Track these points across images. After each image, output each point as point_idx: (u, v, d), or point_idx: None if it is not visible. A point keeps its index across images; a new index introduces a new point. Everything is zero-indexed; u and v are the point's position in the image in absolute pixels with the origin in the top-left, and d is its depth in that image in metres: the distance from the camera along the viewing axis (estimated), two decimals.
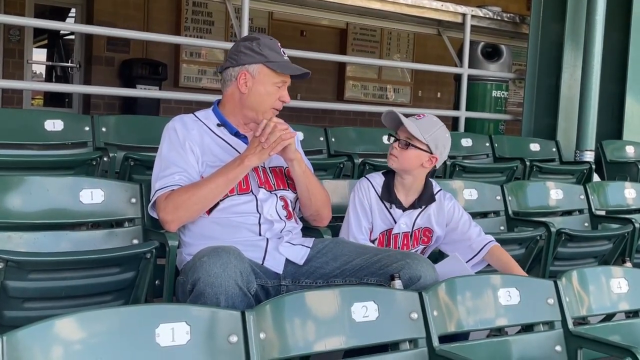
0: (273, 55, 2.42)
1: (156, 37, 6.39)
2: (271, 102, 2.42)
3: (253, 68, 2.40)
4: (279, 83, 2.42)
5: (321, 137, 4.32)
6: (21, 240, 2.28)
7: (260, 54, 2.41)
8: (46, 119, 3.46)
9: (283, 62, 2.43)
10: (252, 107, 2.42)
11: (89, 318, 1.52)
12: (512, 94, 8.53)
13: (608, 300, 2.35)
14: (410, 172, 2.55)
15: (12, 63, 8.15)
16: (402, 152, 2.51)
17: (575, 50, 5.56)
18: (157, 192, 2.29)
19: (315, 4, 5.55)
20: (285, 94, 2.45)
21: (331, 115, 9.24)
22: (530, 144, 5.34)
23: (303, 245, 2.35)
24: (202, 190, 2.25)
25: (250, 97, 2.41)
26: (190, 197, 2.24)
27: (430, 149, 2.51)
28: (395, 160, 2.53)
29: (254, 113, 2.42)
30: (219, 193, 2.28)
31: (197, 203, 2.25)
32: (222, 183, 2.26)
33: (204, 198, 2.26)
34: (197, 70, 8.93)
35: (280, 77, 2.42)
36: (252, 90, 2.40)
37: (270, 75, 2.40)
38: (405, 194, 2.59)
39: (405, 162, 2.52)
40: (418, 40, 10.36)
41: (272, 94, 2.42)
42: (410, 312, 1.91)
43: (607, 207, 4.00)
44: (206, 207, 2.29)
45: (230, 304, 1.92)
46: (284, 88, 2.45)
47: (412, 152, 2.51)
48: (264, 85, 2.40)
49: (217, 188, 2.26)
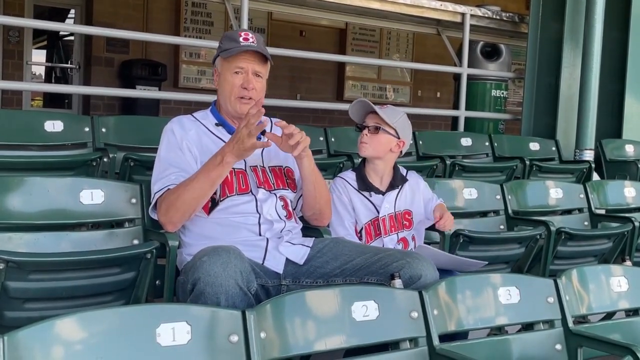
0: (229, 44, 2.40)
1: (155, 38, 6.39)
2: (232, 91, 2.38)
3: (217, 62, 2.46)
4: (234, 69, 2.38)
5: (321, 137, 4.32)
6: (22, 241, 2.28)
7: (220, 46, 2.43)
8: (46, 120, 3.46)
9: (235, 47, 2.38)
10: (221, 101, 2.44)
11: (90, 318, 1.52)
12: (511, 93, 8.53)
13: (608, 298, 2.35)
14: (381, 157, 2.71)
15: (12, 64, 8.15)
16: (373, 138, 2.68)
17: (575, 49, 5.56)
18: (155, 194, 2.29)
19: (315, 4, 5.54)
20: (247, 80, 2.37)
21: (331, 115, 9.24)
22: (530, 143, 5.34)
23: (303, 245, 2.35)
24: (186, 191, 2.22)
25: (219, 91, 2.45)
26: (177, 198, 2.22)
27: (398, 134, 2.68)
28: (367, 147, 2.70)
29: (225, 106, 2.43)
30: (204, 193, 2.24)
31: (184, 204, 2.22)
32: (206, 183, 2.21)
33: (190, 198, 2.22)
34: (196, 70, 8.93)
35: (232, 63, 2.38)
36: (219, 84, 2.45)
37: (225, 64, 2.41)
38: (379, 179, 2.74)
39: (377, 146, 2.69)
40: (417, 40, 10.36)
41: (231, 82, 2.38)
42: (411, 311, 1.92)
43: (607, 206, 4.00)
44: (195, 207, 2.26)
45: (230, 303, 1.92)
46: (245, 74, 2.38)
47: (382, 137, 2.68)
48: (224, 76, 2.41)
49: (202, 188, 2.22)
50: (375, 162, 2.73)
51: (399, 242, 2.68)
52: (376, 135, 2.67)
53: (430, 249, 2.50)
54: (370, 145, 2.69)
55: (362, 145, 2.70)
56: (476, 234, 2.98)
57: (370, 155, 2.72)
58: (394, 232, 2.68)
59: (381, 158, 2.71)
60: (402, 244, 2.68)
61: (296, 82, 9.28)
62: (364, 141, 2.69)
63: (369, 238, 2.65)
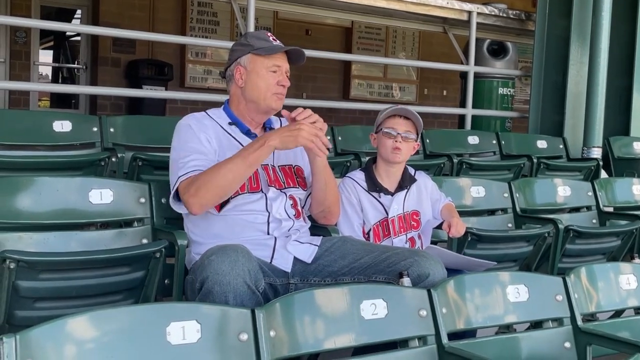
0: (260, 42, 2.41)
1: (162, 38, 6.41)
2: (269, 87, 2.39)
3: (244, 60, 2.41)
4: (271, 67, 2.40)
5: (328, 136, 4.31)
6: (31, 241, 2.30)
7: (248, 44, 2.42)
8: (54, 120, 3.48)
9: (270, 45, 2.41)
10: (253, 99, 2.41)
11: (101, 317, 1.53)
12: (518, 91, 8.51)
13: (617, 296, 2.35)
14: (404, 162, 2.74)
15: (19, 65, 8.17)
16: (404, 144, 2.68)
17: (582, 47, 5.55)
18: (179, 178, 2.23)
19: (320, 3, 5.55)
20: (282, 77, 2.41)
21: (337, 114, 9.24)
22: (537, 141, 5.33)
23: (311, 244, 2.35)
24: (222, 172, 2.18)
25: (248, 89, 2.41)
26: (211, 178, 2.18)
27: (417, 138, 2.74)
28: (401, 153, 2.69)
29: (256, 104, 2.41)
30: (239, 176, 2.21)
31: (217, 186, 2.18)
32: (242, 165, 2.19)
33: (225, 180, 2.18)
34: (202, 70, 8.95)
35: (271, 60, 2.40)
36: (248, 82, 2.41)
37: (259, 61, 2.39)
38: (389, 181, 2.74)
39: (408, 152, 2.72)
40: (423, 38, 10.35)
41: (267, 80, 2.39)
42: (419, 309, 1.92)
43: (615, 203, 3.99)
44: (228, 190, 2.23)
45: (238, 302, 1.92)
46: (280, 72, 2.41)
47: (412, 143, 2.71)
48: (256, 73, 2.39)
49: (238, 170, 2.19)
50: (395, 166, 2.73)
51: (406, 242, 2.68)
52: (407, 142, 2.68)
53: (438, 249, 2.50)
54: (404, 152, 2.69)
55: (396, 152, 2.67)
56: (484, 232, 2.98)
57: (402, 162, 2.73)
58: (402, 233, 2.68)
59: (403, 162, 2.74)
60: (409, 243, 2.69)
61: (302, 81, 9.27)
62: (399, 147, 2.67)
63: (377, 239, 2.65)
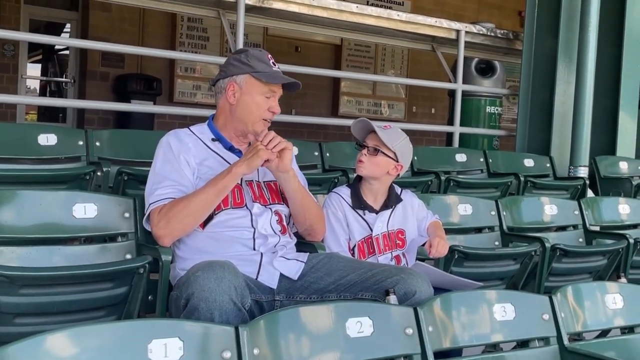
0: (261, 65, 2.41)
1: (151, 52, 6.39)
2: (259, 112, 2.40)
3: (240, 79, 2.41)
4: (267, 93, 2.41)
5: (316, 152, 4.32)
6: (13, 255, 2.26)
7: (248, 64, 2.40)
8: (40, 133, 3.44)
9: (271, 72, 2.41)
10: (241, 119, 2.41)
11: (82, 333, 1.50)
12: (506, 109, 8.57)
13: (603, 315, 2.34)
14: (377, 178, 2.69)
15: (7, 78, 8.14)
16: (371, 159, 2.65)
17: (569, 66, 5.59)
18: (150, 205, 2.28)
19: (310, 20, 5.57)
20: (274, 104, 2.43)
21: (326, 131, 9.26)
22: (524, 159, 5.35)
23: (297, 260, 2.34)
24: (192, 202, 2.23)
25: (239, 108, 2.41)
26: (182, 209, 2.22)
27: (397, 157, 2.65)
28: (364, 167, 2.67)
29: (244, 125, 2.41)
30: (209, 204, 2.26)
31: (188, 215, 2.23)
32: (212, 193, 2.24)
33: (195, 210, 2.24)
34: (191, 85, 8.95)
35: (267, 87, 2.41)
36: (240, 101, 2.40)
37: (257, 85, 2.40)
38: (374, 198, 2.71)
39: (374, 168, 2.66)
40: (412, 56, 10.41)
41: (260, 105, 2.40)
42: (405, 327, 1.90)
43: (602, 222, 4.00)
44: (198, 219, 2.27)
45: (224, 319, 1.90)
46: (274, 99, 2.43)
47: (381, 159, 2.65)
48: (251, 96, 2.40)
49: (207, 199, 2.24)
50: (371, 181, 2.70)
51: (392, 260, 2.66)
52: (375, 156, 2.64)
53: (426, 267, 2.49)
54: (367, 166, 2.66)
55: (359, 165, 2.67)
56: (471, 250, 2.98)
57: (366, 175, 2.69)
58: (388, 251, 2.66)
59: (378, 179, 2.69)
60: (394, 261, 2.67)
61: (291, 97, 9.29)
62: (361, 160, 2.67)
63: (361, 255, 2.64)
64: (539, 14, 5.76)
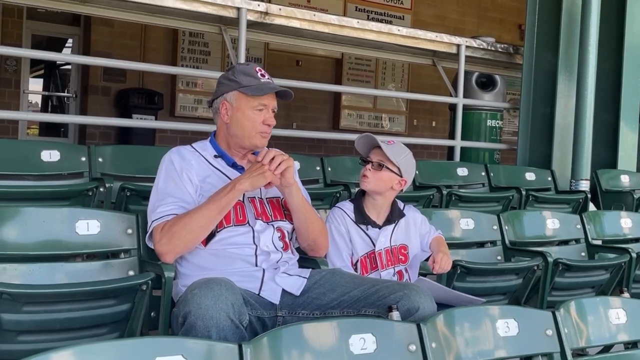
0: (247, 79, 2.41)
1: (152, 68, 6.42)
2: (254, 127, 2.40)
3: (230, 96, 2.42)
4: (258, 106, 2.40)
5: (317, 167, 4.32)
6: (16, 272, 2.26)
7: (235, 80, 2.42)
8: (42, 149, 3.44)
9: (257, 84, 2.41)
10: (238, 135, 2.42)
11: (86, 351, 1.50)
12: (506, 123, 8.57)
13: (607, 331, 2.33)
14: (381, 193, 2.70)
15: (8, 93, 8.16)
16: (375, 174, 2.67)
17: (569, 80, 5.60)
18: (153, 222, 2.28)
19: (311, 35, 5.58)
20: (268, 116, 2.42)
21: (327, 144, 9.27)
22: (526, 173, 5.35)
23: (300, 276, 2.34)
24: (194, 219, 2.23)
25: (233, 126, 2.42)
26: (184, 226, 2.22)
27: (401, 172, 2.66)
28: (368, 182, 2.68)
29: (241, 140, 2.42)
30: (212, 220, 2.26)
31: (190, 232, 2.23)
32: (215, 210, 2.24)
33: (197, 227, 2.24)
34: (193, 99, 8.97)
35: (257, 100, 2.40)
36: (233, 119, 2.41)
37: (245, 100, 2.40)
38: (377, 213, 2.72)
39: (377, 183, 2.67)
40: (413, 70, 10.44)
41: (252, 119, 2.40)
42: (409, 344, 1.89)
43: (604, 236, 4.00)
44: (200, 236, 2.27)
45: (221, 337, 1.90)
46: (267, 110, 2.42)
47: (385, 174, 2.66)
48: (242, 112, 2.40)
49: (210, 215, 2.24)
50: (375, 196, 2.71)
51: (394, 275, 2.66)
52: (379, 171, 2.66)
53: (428, 282, 2.49)
54: (371, 181, 2.67)
55: (363, 180, 2.68)
56: (473, 265, 2.97)
57: (370, 190, 2.70)
58: (390, 266, 2.67)
59: (381, 194, 2.70)
60: (397, 276, 2.67)
61: (292, 111, 9.31)
62: (365, 175, 2.68)
63: (364, 271, 2.64)
64: (539, 29, 5.78)
